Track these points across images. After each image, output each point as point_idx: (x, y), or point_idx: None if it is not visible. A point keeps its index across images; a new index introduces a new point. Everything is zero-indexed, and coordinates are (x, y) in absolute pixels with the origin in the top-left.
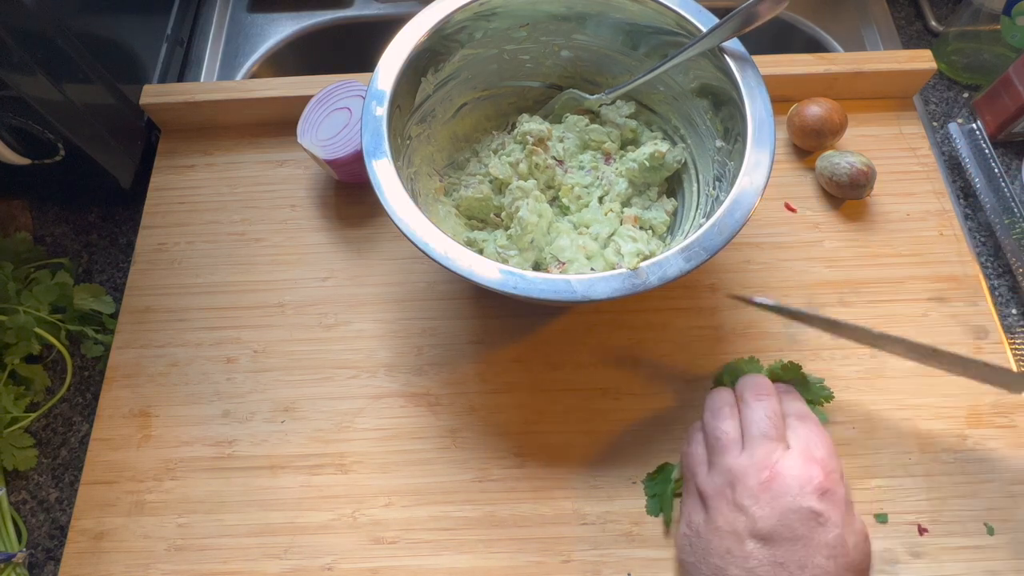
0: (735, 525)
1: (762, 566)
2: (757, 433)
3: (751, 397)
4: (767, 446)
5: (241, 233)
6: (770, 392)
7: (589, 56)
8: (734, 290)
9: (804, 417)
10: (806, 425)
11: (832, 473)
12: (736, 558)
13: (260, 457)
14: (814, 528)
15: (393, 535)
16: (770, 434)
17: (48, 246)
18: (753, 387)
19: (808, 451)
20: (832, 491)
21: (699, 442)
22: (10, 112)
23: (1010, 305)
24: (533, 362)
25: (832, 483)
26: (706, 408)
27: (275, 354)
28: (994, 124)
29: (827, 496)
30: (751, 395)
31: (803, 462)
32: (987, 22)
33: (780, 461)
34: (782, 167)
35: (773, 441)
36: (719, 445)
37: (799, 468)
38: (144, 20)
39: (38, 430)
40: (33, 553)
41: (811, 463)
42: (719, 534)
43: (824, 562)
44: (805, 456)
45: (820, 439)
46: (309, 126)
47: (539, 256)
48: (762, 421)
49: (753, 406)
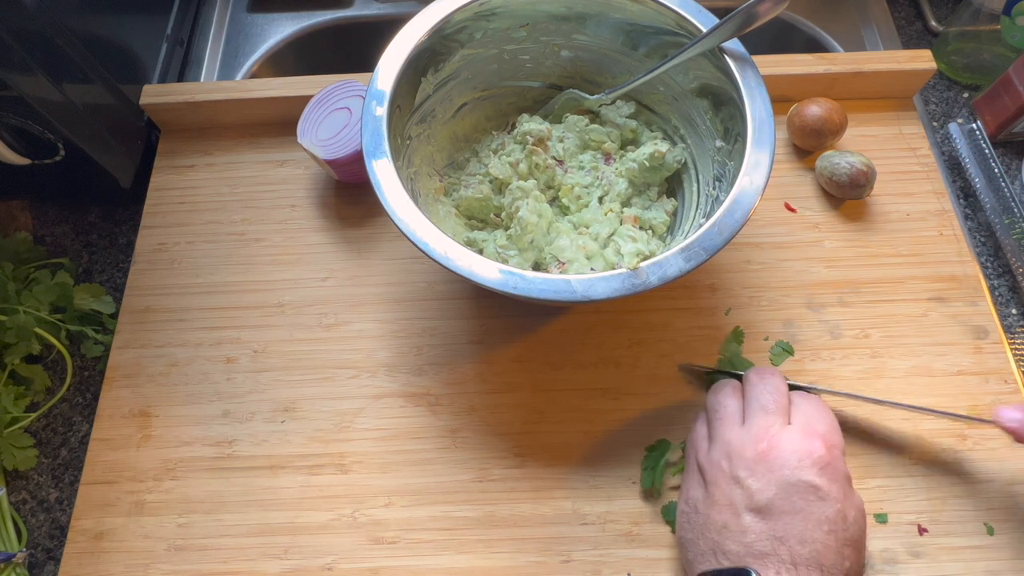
0: (732, 498)
1: (760, 540)
2: (757, 407)
3: (755, 377)
4: (766, 419)
5: (241, 233)
6: (775, 372)
7: (589, 56)
8: (735, 289)
9: (808, 397)
10: (809, 402)
11: (833, 448)
12: (733, 532)
13: (260, 457)
14: (813, 502)
15: (393, 535)
16: (769, 407)
17: (48, 246)
18: (759, 370)
19: (809, 425)
20: (832, 465)
21: (702, 421)
22: (10, 112)
23: (1010, 305)
24: (533, 362)
25: (833, 457)
26: (710, 391)
27: (275, 354)
28: (994, 124)
29: (827, 470)
30: (756, 375)
31: (803, 436)
32: (987, 22)
33: (779, 434)
34: (782, 167)
35: (772, 415)
36: (718, 418)
37: (798, 441)
38: (144, 20)
39: (38, 430)
40: (33, 553)
41: (812, 436)
42: (716, 508)
43: (824, 537)
44: (806, 430)
45: (822, 414)
46: (309, 126)
47: (539, 256)
48: (763, 395)
49: (755, 383)
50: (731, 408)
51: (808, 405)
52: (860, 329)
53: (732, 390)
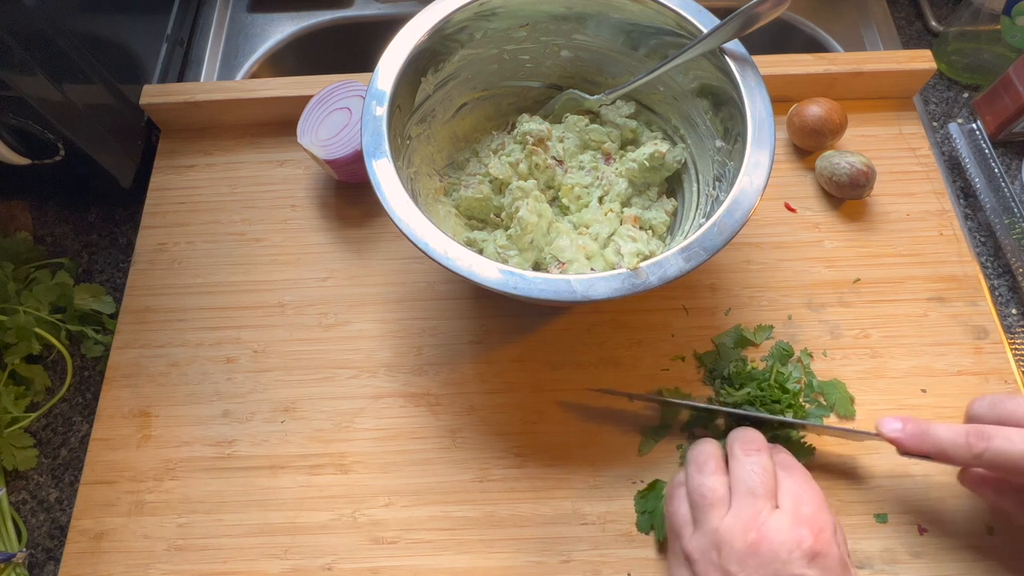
0: None
1: None
2: (744, 489)
3: (740, 450)
4: (754, 504)
5: (241, 233)
6: (760, 447)
7: (589, 56)
8: (735, 289)
9: (791, 468)
10: (793, 477)
11: (822, 532)
12: None
13: (260, 457)
14: None
15: (393, 535)
16: (757, 491)
17: (48, 246)
18: (743, 440)
19: (797, 509)
20: (823, 553)
21: (682, 499)
22: (10, 112)
23: (1010, 305)
24: (533, 362)
25: (822, 544)
26: (690, 461)
27: (275, 354)
28: (994, 124)
29: (818, 560)
30: (740, 448)
31: (791, 523)
32: (987, 22)
33: (767, 522)
34: (782, 167)
35: (760, 499)
36: (704, 503)
37: (787, 531)
38: (144, 20)
39: (38, 430)
40: (33, 553)
41: (800, 523)
42: None
43: None
44: (795, 516)
45: (808, 493)
46: (309, 126)
47: (539, 256)
48: (750, 477)
49: (742, 460)
50: (719, 491)
51: (792, 482)
52: (860, 329)
53: (715, 465)
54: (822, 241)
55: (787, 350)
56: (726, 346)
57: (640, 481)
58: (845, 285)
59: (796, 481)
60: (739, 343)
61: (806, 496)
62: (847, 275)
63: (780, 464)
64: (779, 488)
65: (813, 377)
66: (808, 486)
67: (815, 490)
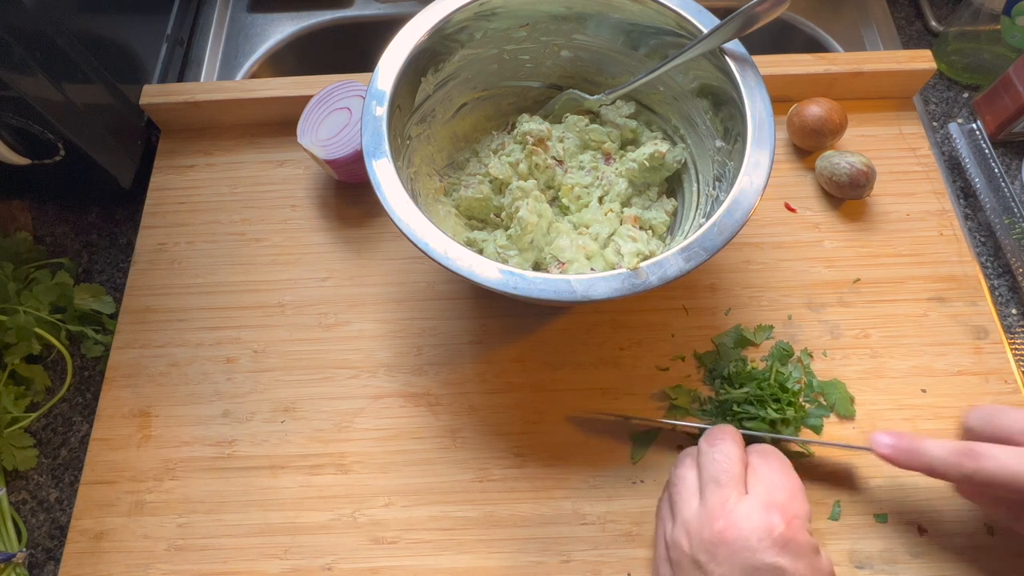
0: None
1: None
2: (708, 479)
3: (704, 443)
4: (720, 493)
5: (241, 233)
6: (725, 436)
7: (589, 56)
8: (735, 289)
9: (767, 455)
10: (768, 463)
11: (794, 519)
12: None
13: (260, 457)
14: None
15: (393, 535)
16: (721, 479)
17: (48, 246)
18: (709, 434)
19: (768, 495)
20: (793, 539)
21: (666, 497)
22: (10, 112)
23: (1010, 305)
24: (533, 362)
25: (794, 531)
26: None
27: (275, 354)
28: (994, 124)
29: (789, 547)
30: (705, 442)
31: (761, 509)
32: (987, 22)
33: (735, 509)
34: (782, 167)
35: (725, 487)
36: (676, 494)
37: (757, 517)
38: (144, 20)
39: (38, 430)
40: (33, 553)
41: (770, 509)
42: None
43: None
44: (765, 502)
45: (782, 479)
46: (309, 126)
47: (539, 256)
48: (712, 465)
49: (705, 451)
50: (688, 482)
51: (766, 469)
52: (860, 329)
53: (691, 461)
54: (822, 241)
55: (787, 350)
56: (726, 346)
57: (640, 481)
58: (845, 285)
59: (772, 468)
60: (739, 343)
61: (780, 483)
62: (847, 275)
63: (757, 452)
64: (752, 475)
65: (813, 377)
66: (783, 473)
67: (791, 477)
